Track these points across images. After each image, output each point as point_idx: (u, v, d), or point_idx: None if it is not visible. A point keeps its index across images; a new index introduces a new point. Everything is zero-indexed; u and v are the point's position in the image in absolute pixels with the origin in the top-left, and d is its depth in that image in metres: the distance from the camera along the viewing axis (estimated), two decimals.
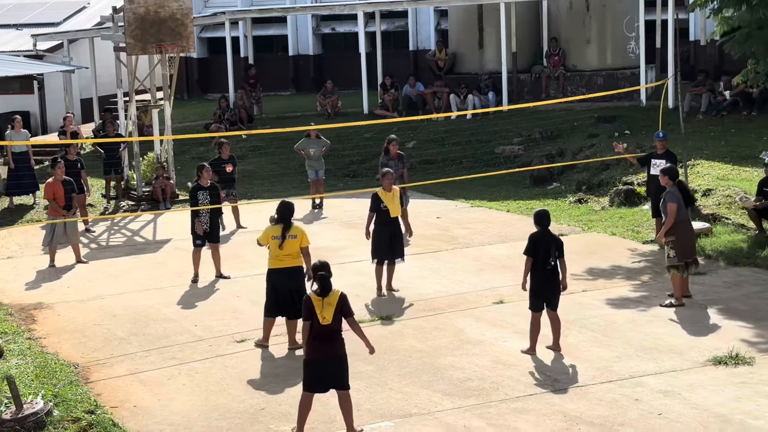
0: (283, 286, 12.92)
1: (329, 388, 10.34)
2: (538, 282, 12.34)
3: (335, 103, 29.90)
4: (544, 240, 12.32)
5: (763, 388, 10.96)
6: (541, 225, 12.40)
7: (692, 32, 31.71)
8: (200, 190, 16.80)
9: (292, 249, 12.94)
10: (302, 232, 13.04)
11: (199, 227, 16.54)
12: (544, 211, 12.55)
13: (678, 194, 14.00)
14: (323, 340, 10.18)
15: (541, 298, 12.37)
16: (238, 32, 35.01)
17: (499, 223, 19.92)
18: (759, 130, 23.41)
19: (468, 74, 29.94)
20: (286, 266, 12.94)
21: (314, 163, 22.19)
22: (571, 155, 24.39)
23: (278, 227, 12.98)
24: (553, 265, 12.31)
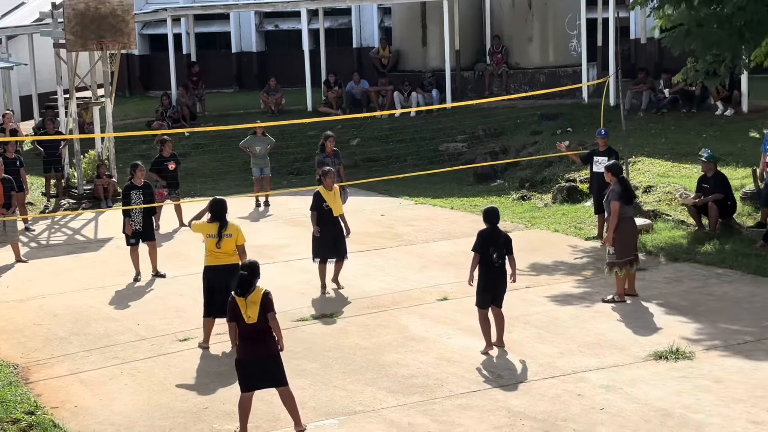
0: (219, 283, 12.83)
1: (266, 386, 10.29)
2: (486, 279, 12.36)
3: (279, 101, 29.79)
4: (492, 237, 12.33)
5: (702, 382, 11.10)
6: (489, 222, 12.41)
7: (633, 31, 32.04)
8: (133, 189, 16.67)
9: (228, 247, 12.86)
10: (237, 230, 12.95)
11: (129, 228, 16.43)
12: (493, 209, 12.57)
13: (621, 192, 14.10)
14: (252, 339, 10.12)
15: (488, 294, 12.38)
16: (180, 29, 34.74)
17: (443, 220, 19.97)
18: (698, 128, 23.71)
19: (412, 72, 29.99)
20: (222, 263, 12.86)
21: (259, 160, 22.09)
22: (515, 152, 24.52)
23: (214, 225, 12.90)
24: (501, 263, 12.32)
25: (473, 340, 12.69)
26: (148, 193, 16.81)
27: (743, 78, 23.88)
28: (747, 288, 14.47)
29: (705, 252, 16.18)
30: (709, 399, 10.63)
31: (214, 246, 12.85)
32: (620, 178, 14.30)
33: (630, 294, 14.23)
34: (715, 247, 16.27)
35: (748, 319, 13.13)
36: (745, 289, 14.40)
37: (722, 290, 14.45)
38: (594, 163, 17.75)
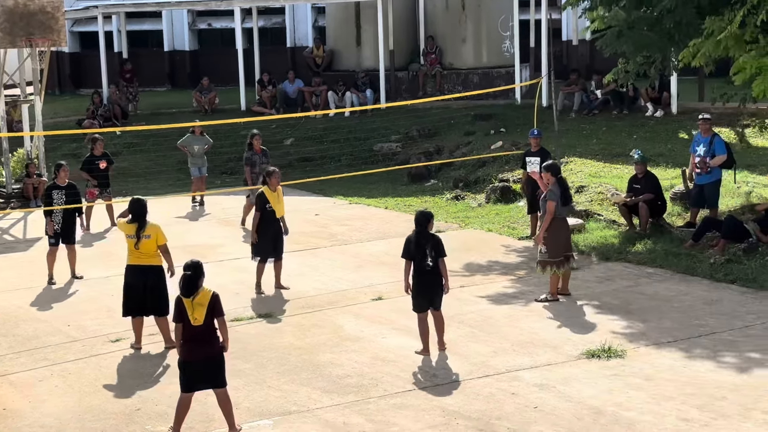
0: (137, 283, 12.77)
1: (205, 387, 10.21)
2: (418, 283, 12.29)
3: (212, 100, 29.61)
4: (417, 241, 12.23)
5: (633, 380, 11.22)
6: (417, 225, 12.30)
7: (565, 32, 32.37)
8: (55, 189, 16.43)
9: (148, 248, 12.77)
10: (157, 231, 12.83)
11: (50, 228, 16.21)
12: (420, 213, 12.38)
13: (558, 192, 14.19)
14: (196, 341, 10.03)
15: (423, 298, 12.31)
16: (112, 27, 34.36)
17: (378, 220, 19.98)
18: (629, 128, 24.00)
19: (346, 71, 29.98)
20: (141, 264, 12.79)
21: (197, 160, 21.93)
22: (448, 153, 24.62)
23: (133, 226, 12.80)
24: (432, 266, 12.21)
25: (408, 339, 12.71)
26: (72, 193, 16.53)
27: (673, 80, 24.22)
28: (677, 287, 14.67)
29: (636, 251, 16.39)
30: (640, 397, 10.75)
31: (133, 246, 12.77)
32: (559, 178, 14.37)
33: (563, 293, 14.35)
34: (646, 247, 16.48)
35: (678, 317, 13.31)
36: (676, 288, 14.61)
37: (653, 289, 14.64)
38: (527, 164, 17.88)
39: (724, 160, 17.27)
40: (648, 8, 16.59)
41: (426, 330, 12.30)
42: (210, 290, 10.11)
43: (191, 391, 10.16)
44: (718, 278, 14.87)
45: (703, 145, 17.31)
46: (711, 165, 17.16)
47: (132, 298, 12.80)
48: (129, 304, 12.87)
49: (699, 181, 17.39)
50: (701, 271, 15.23)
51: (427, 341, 12.30)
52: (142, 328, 12.92)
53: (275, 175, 15.28)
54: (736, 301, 13.89)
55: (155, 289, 12.75)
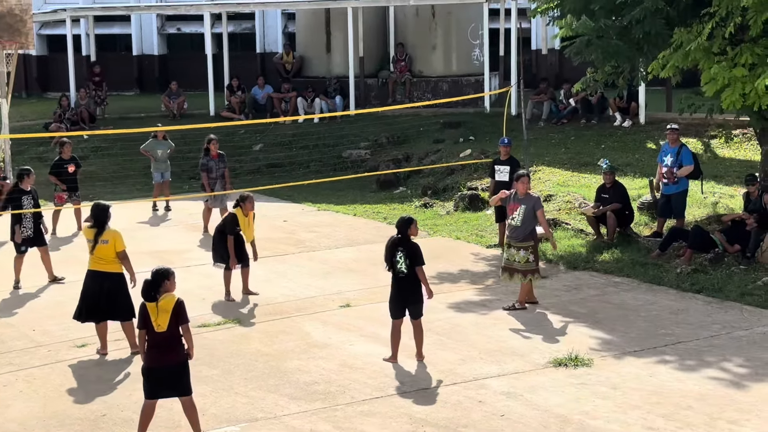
0: (92, 288, 12.75)
1: (170, 395, 10.14)
2: (393, 289, 12.26)
3: (181, 105, 29.49)
4: (392, 247, 12.20)
5: (600, 389, 11.27)
6: (397, 230, 12.24)
7: (534, 41, 32.53)
8: (24, 194, 16.32)
9: (105, 254, 12.70)
10: (115, 237, 12.74)
11: (18, 236, 16.11)
12: (400, 219, 12.35)
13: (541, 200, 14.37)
14: (160, 347, 9.94)
15: (397, 304, 12.25)
16: (80, 30, 34.16)
17: (346, 226, 19.97)
18: (597, 138, 24.13)
19: (316, 78, 29.96)
20: (98, 270, 12.75)
21: (160, 164, 21.82)
22: (417, 160, 24.65)
23: (92, 231, 12.76)
24: (405, 273, 12.10)
25: (376, 346, 12.70)
26: (35, 198, 16.56)
27: (641, 90, 24.38)
28: (644, 296, 14.75)
29: (603, 261, 16.46)
30: (606, 405, 10.79)
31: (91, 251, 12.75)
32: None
33: (531, 301, 14.39)
34: (614, 256, 16.56)
35: (644, 326, 13.38)
36: (642, 297, 14.68)
37: (620, 298, 14.71)
38: (496, 172, 17.93)
39: (692, 170, 17.40)
40: (617, 18, 16.69)
41: (397, 338, 12.27)
42: (175, 296, 10.02)
43: (155, 398, 10.09)
44: (685, 288, 14.96)
45: (670, 156, 17.42)
46: (678, 175, 17.28)
47: (86, 303, 12.77)
48: (82, 308, 12.83)
49: (666, 191, 17.50)
50: (668, 280, 15.32)
51: (397, 349, 12.28)
52: (107, 334, 12.83)
53: (249, 200, 15.14)
54: (702, 311, 13.98)
55: (112, 295, 12.67)
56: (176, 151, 22.64)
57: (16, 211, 16.17)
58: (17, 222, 16.19)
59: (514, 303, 14.29)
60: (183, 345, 10.03)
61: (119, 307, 12.68)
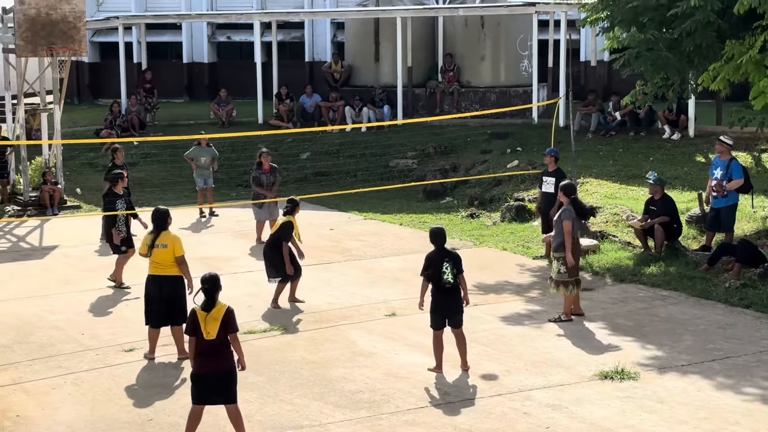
0: (154, 293, 12.85)
1: (216, 402, 10.21)
2: (438, 300, 12.26)
3: (230, 112, 29.69)
4: (438, 258, 12.24)
5: (646, 403, 11.20)
6: (434, 243, 12.29)
7: (583, 53, 32.40)
8: (117, 198, 16.78)
9: (164, 258, 12.82)
10: (174, 241, 12.87)
11: (117, 237, 16.50)
12: (437, 229, 12.42)
13: (573, 212, 14.16)
14: (209, 355, 10.01)
15: (440, 315, 12.28)
16: (132, 38, 34.52)
17: (392, 236, 20.00)
18: (646, 151, 23.98)
19: (363, 87, 30.05)
20: (159, 274, 12.86)
21: (203, 171, 21.98)
22: (464, 170, 24.63)
23: (151, 236, 12.89)
24: (451, 283, 12.19)
25: (421, 356, 12.71)
26: (128, 200, 17.02)
27: (691, 103, 24.21)
28: (691, 310, 14.64)
29: (650, 274, 16.35)
30: (653, 419, 10.72)
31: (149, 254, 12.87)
32: (573, 199, 14.33)
33: (576, 313, 14.34)
34: (661, 269, 16.45)
35: (692, 341, 13.28)
36: (690, 312, 14.57)
37: (667, 312, 14.61)
38: (543, 183, 17.89)
39: (741, 184, 17.21)
40: (668, 30, 16.60)
41: (440, 348, 12.29)
42: (225, 305, 10.09)
43: (202, 404, 10.17)
44: (733, 303, 14.82)
45: (720, 169, 17.25)
46: (727, 189, 17.11)
47: (150, 309, 12.88)
48: (148, 314, 12.94)
49: (715, 205, 17.33)
50: (716, 295, 15.19)
51: (441, 359, 12.30)
52: (158, 338, 12.95)
53: (298, 205, 15.60)
54: (751, 326, 13.85)
55: (171, 300, 12.78)
56: (225, 158, 22.81)
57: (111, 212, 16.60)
58: (113, 224, 16.48)
59: (559, 315, 14.24)
60: (231, 353, 10.09)
61: (176, 311, 12.79)
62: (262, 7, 34.95)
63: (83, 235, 20.20)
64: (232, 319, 10.04)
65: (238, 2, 35.69)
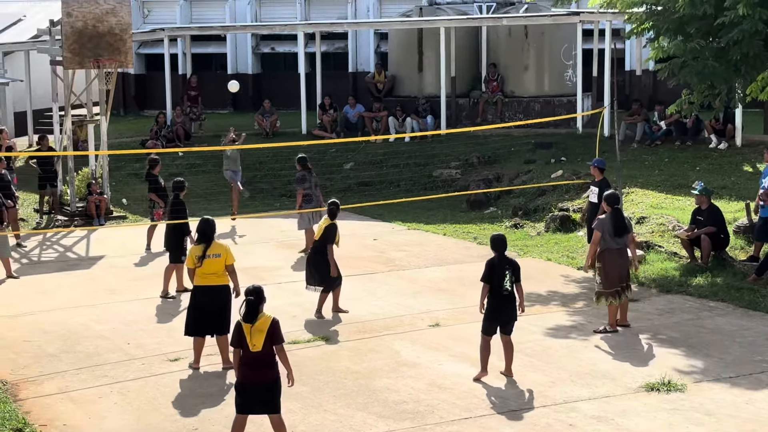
0: (206, 303, 12.86)
1: (260, 412, 10.22)
2: (494, 306, 12.33)
3: (273, 123, 29.82)
4: (500, 265, 12.32)
5: (694, 415, 11.08)
6: (496, 250, 12.40)
7: (628, 62, 32.18)
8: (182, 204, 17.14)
9: (217, 268, 12.85)
10: (226, 251, 12.95)
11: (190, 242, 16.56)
12: (500, 236, 12.55)
13: (608, 222, 14.03)
14: (254, 366, 10.02)
15: (495, 322, 12.34)
16: (177, 49, 34.79)
17: (436, 246, 19.96)
18: (692, 160, 23.78)
19: (407, 97, 30.06)
20: (210, 284, 12.87)
21: (230, 163, 22.15)
22: (508, 180, 24.55)
23: (200, 247, 12.90)
24: (509, 290, 12.30)
25: (465, 366, 12.67)
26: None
27: (738, 112, 23.98)
28: (739, 321, 14.47)
29: (697, 284, 16.20)
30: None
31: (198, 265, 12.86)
32: (614, 209, 14.23)
33: (622, 324, 14.22)
34: (708, 280, 16.29)
35: (739, 352, 13.13)
36: (737, 323, 14.41)
37: (714, 323, 14.45)
38: (589, 193, 17.78)
39: None
40: (714, 39, 16.46)
41: (487, 354, 12.35)
42: (270, 316, 10.10)
43: (246, 414, 10.19)
44: None
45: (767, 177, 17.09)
46: None
47: (198, 319, 12.90)
48: (194, 324, 12.96)
49: (763, 214, 17.13)
50: (764, 306, 15.02)
51: (487, 364, 12.33)
52: (203, 348, 13.00)
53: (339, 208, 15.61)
54: None
55: (220, 309, 12.82)
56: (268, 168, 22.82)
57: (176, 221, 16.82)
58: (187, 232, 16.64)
59: (604, 326, 14.14)
60: (276, 363, 10.09)
61: (223, 320, 12.84)
62: (305, 18, 35.09)
63: (129, 245, 20.36)
64: (277, 330, 10.05)
65: (282, 13, 35.86)
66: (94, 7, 22.44)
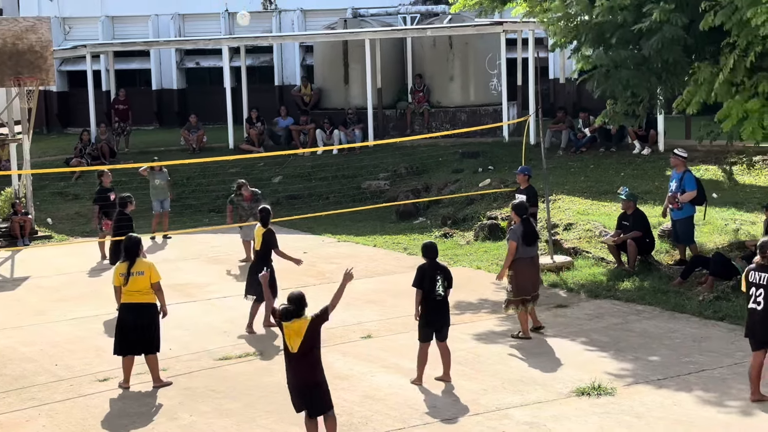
0: (131, 321, 12.72)
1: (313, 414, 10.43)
2: (428, 312, 12.48)
3: (200, 138, 29.62)
4: (431, 271, 12.47)
5: (624, 418, 11.20)
6: (427, 257, 12.59)
7: (552, 70, 32.57)
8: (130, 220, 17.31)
9: (141, 286, 12.74)
10: (150, 268, 12.82)
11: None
12: (431, 243, 12.84)
13: (520, 232, 14.18)
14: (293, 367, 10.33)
15: (430, 328, 12.47)
16: (100, 66, 34.42)
17: (366, 257, 19.96)
18: (616, 166, 24.09)
19: (334, 110, 30.07)
20: (135, 302, 12.75)
21: (159, 193, 21.97)
22: (437, 190, 24.65)
23: (125, 264, 12.78)
24: (442, 296, 12.48)
25: (397, 377, 12.68)
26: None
27: (660, 118, 24.36)
28: (666, 324, 14.68)
29: (625, 289, 16.40)
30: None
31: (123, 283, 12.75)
32: (524, 219, 14.35)
33: (537, 328, 14.38)
34: (635, 284, 16.50)
35: (667, 354, 13.31)
36: (665, 326, 14.61)
37: (642, 326, 14.64)
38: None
39: (694, 196, 17.30)
40: (635, 47, 16.69)
41: (424, 361, 12.45)
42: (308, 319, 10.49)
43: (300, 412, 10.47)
44: (707, 315, 14.87)
45: (675, 181, 17.41)
46: (681, 201, 17.20)
47: (125, 337, 12.75)
48: (121, 343, 12.80)
49: (674, 216, 17.47)
50: (690, 308, 15.24)
51: (423, 371, 12.42)
52: (132, 367, 12.84)
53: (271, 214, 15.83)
54: (725, 338, 13.89)
55: (147, 327, 12.70)
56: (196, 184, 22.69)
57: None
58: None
59: (518, 332, 14.31)
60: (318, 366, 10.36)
61: (153, 339, 12.71)
62: (230, 33, 34.95)
63: (56, 265, 20.07)
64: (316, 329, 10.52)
65: (206, 28, 35.72)
66: (13, 25, 22.16)
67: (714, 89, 14.97)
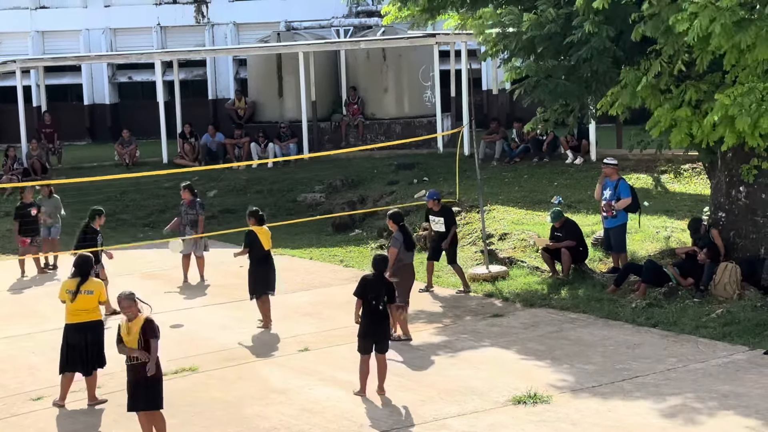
0: (78, 341, 12.56)
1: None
2: (368, 324, 12.57)
3: (133, 153, 29.35)
4: (374, 283, 12.66)
5: (560, 425, 11.30)
6: (375, 268, 12.87)
7: (485, 82, 32.82)
8: (95, 234, 17.07)
9: (88, 305, 12.63)
10: (100, 287, 12.78)
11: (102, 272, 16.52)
12: (381, 257, 13.17)
13: (401, 239, 14.99)
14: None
15: (369, 339, 12.55)
16: (30, 81, 33.98)
17: (303, 270, 19.92)
18: (550, 176, 24.30)
19: (268, 123, 29.99)
20: (82, 321, 12.61)
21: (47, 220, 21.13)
22: (372, 202, 24.68)
23: (74, 281, 12.64)
24: (382, 309, 12.58)
25: (335, 390, 12.68)
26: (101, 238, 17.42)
27: (591, 127, 24.65)
28: (600, 332, 14.84)
29: (559, 297, 16.55)
30: None
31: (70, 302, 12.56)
32: (401, 226, 15.20)
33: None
34: (569, 293, 16.66)
35: (601, 362, 13.45)
36: (599, 333, 14.77)
37: (577, 334, 14.79)
38: (431, 222, 17.93)
39: (629, 203, 17.55)
40: (564, 58, 16.89)
41: (366, 372, 12.52)
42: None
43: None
44: (640, 322, 15.06)
45: (609, 189, 17.63)
46: (616, 208, 17.43)
47: (70, 357, 12.59)
48: (68, 361, 12.62)
49: (607, 225, 17.68)
50: (623, 315, 15.42)
51: (366, 383, 12.48)
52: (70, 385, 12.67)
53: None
54: (658, 344, 14.08)
55: (94, 345, 12.57)
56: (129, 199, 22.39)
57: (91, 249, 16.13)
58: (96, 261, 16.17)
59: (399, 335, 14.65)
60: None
61: (98, 356, 12.59)
62: (162, 46, 34.73)
63: None
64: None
65: (139, 42, 35.40)
66: None
67: (638, 92, 15.20)
